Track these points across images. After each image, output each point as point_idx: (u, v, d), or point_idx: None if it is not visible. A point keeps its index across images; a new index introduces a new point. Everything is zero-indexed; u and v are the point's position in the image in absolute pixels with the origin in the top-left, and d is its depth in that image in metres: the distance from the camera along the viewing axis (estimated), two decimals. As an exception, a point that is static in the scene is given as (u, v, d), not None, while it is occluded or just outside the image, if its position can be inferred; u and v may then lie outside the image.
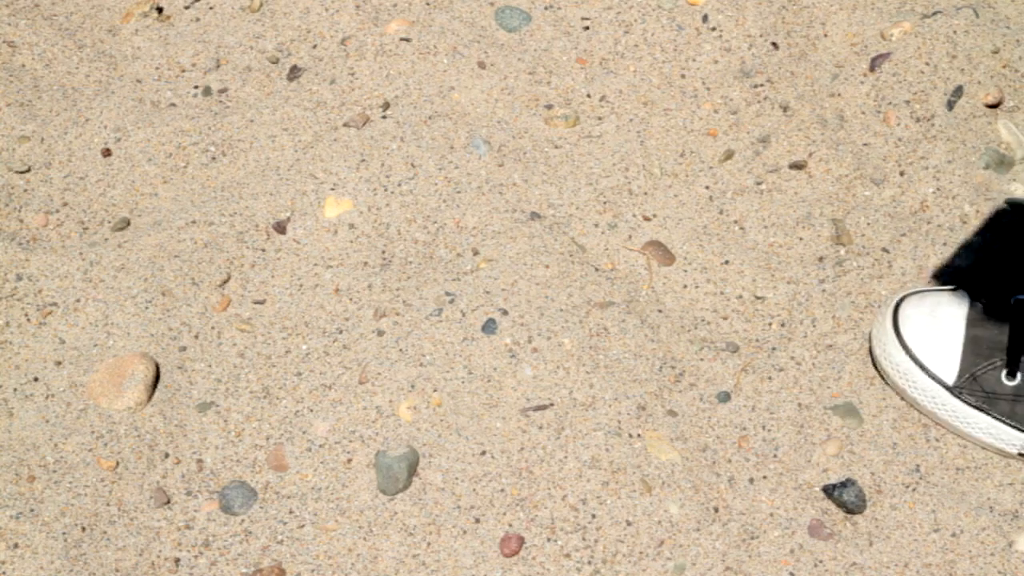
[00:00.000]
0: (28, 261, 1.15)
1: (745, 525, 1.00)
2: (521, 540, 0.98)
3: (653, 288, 1.15)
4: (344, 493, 1.01)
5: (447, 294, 1.13)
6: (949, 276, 1.15)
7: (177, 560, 0.97)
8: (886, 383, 1.06)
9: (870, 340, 1.08)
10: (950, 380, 1.02)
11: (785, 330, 1.12)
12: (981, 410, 1.01)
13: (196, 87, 1.32)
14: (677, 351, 1.10)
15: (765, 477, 1.02)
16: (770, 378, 1.09)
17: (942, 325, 1.04)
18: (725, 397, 1.07)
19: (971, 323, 1.04)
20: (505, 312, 1.11)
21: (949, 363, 1.03)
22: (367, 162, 1.22)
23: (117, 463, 1.03)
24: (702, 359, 1.10)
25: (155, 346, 1.10)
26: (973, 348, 1.03)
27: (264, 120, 1.27)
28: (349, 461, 1.03)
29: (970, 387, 1.02)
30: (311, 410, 1.06)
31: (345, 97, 1.29)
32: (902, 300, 1.06)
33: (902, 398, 1.05)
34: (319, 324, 1.11)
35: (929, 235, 1.17)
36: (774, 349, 1.10)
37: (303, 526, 0.99)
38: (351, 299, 1.13)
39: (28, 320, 1.12)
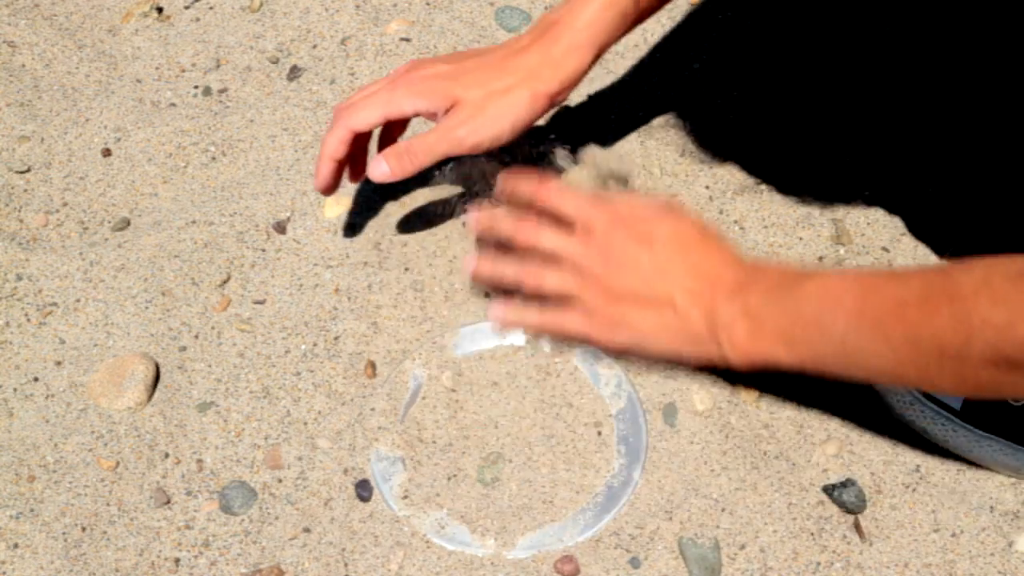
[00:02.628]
0: (28, 261, 1.15)
1: (739, 520, 1.00)
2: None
3: (653, 288, 1.15)
4: (344, 494, 1.01)
5: (447, 294, 1.13)
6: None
7: (177, 560, 0.97)
8: (891, 416, 1.05)
9: None
10: (957, 406, 1.01)
11: (785, 330, 1.12)
12: (992, 432, 1.01)
13: (196, 87, 1.32)
14: (677, 351, 1.10)
15: (765, 476, 1.02)
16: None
17: None
18: (725, 397, 1.07)
19: None
20: (505, 312, 1.11)
21: None
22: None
23: (117, 463, 1.03)
24: (702, 359, 1.10)
25: (155, 346, 1.10)
26: None
27: (264, 120, 1.27)
28: (349, 461, 1.03)
29: (977, 411, 1.01)
30: (310, 410, 1.06)
31: (345, 97, 1.29)
32: None
33: (911, 428, 1.04)
34: (319, 324, 1.11)
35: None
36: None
37: (303, 526, 0.99)
38: (351, 299, 1.13)
39: (28, 320, 1.12)
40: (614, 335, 0.96)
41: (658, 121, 1.27)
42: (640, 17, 1.05)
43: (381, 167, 1.02)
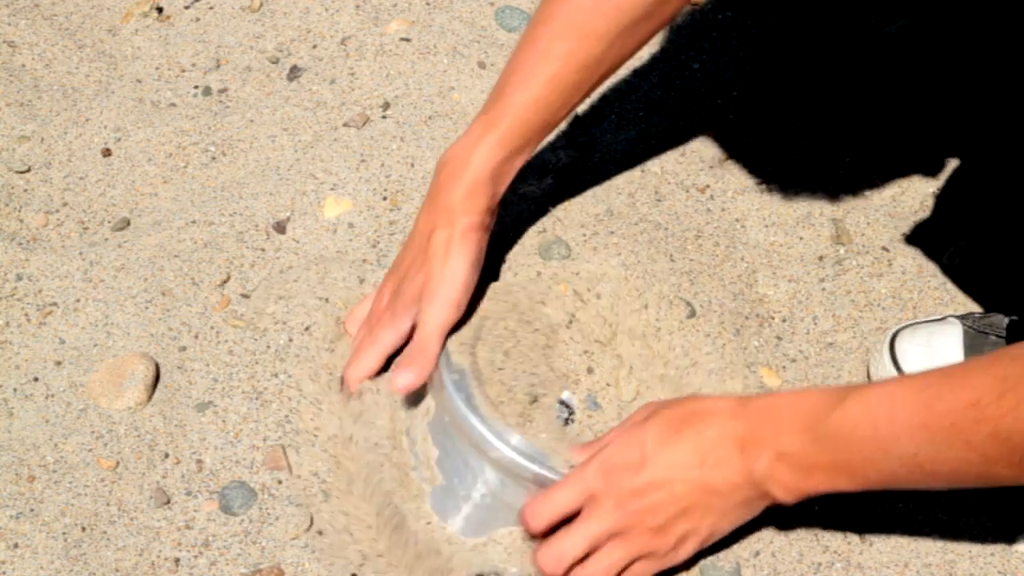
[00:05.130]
0: (28, 261, 1.15)
1: (746, 525, 1.00)
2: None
3: (653, 288, 1.15)
4: (343, 495, 1.01)
5: (447, 294, 1.13)
6: (949, 277, 1.15)
7: (177, 560, 0.97)
8: None
9: (869, 378, 1.08)
10: None
11: (786, 326, 1.12)
12: None
13: (196, 87, 1.32)
14: (677, 351, 1.10)
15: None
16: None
17: (940, 355, 1.04)
18: (725, 397, 1.07)
19: (968, 349, 1.04)
20: (505, 312, 1.11)
21: None
22: (367, 162, 1.22)
23: (117, 463, 1.02)
24: (702, 359, 1.10)
25: (155, 346, 1.10)
26: None
27: (264, 120, 1.27)
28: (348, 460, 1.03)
29: None
30: (307, 408, 1.06)
31: (345, 97, 1.29)
32: (895, 335, 1.06)
33: None
34: (315, 322, 1.11)
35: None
36: (775, 346, 1.10)
37: (302, 526, 0.99)
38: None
39: (28, 320, 1.12)
40: (684, 552, 0.93)
41: (658, 121, 1.27)
42: (535, 145, 1.05)
43: (405, 377, 1.01)
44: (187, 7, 1.40)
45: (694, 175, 1.23)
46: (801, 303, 1.13)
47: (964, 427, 0.79)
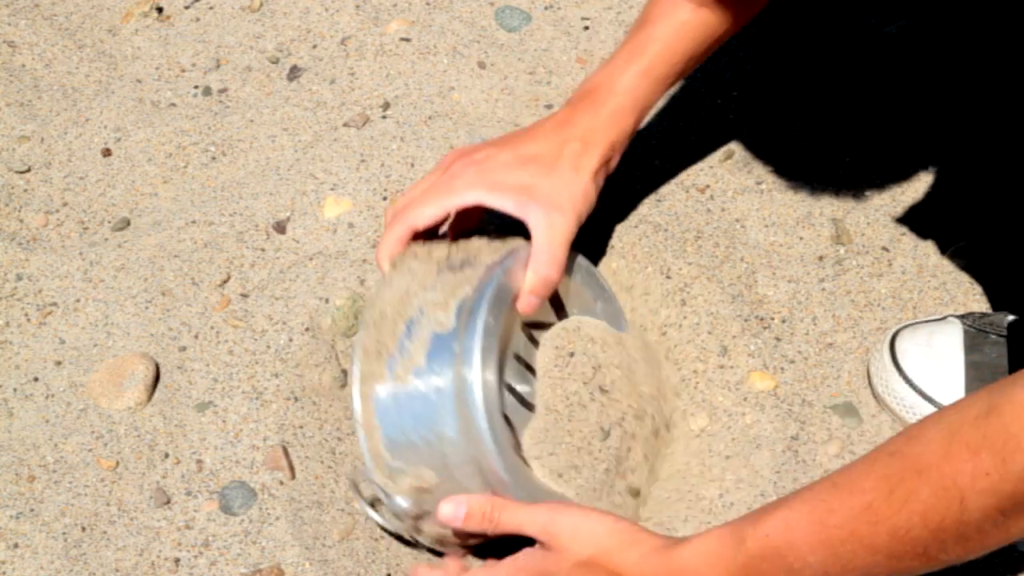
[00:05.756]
0: (28, 261, 1.15)
1: (745, 525, 1.00)
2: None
3: (653, 288, 1.15)
4: (343, 494, 1.01)
5: (447, 294, 1.13)
6: (949, 277, 1.15)
7: (177, 560, 0.97)
8: (895, 419, 1.05)
9: (869, 377, 1.08)
10: None
11: (786, 327, 1.12)
12: None
13: (196, 87, 1.32)
14: (677, 351, 1.10)
15: (768, 477, 1.02)
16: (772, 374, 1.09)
17: (941, 355, 1.04)
18: (725, 397, 1.07)
19: (968, 349, 1.03)
20: (505, 312, 1.11)
21: (953, 392, 1.02)
22: (367, 162, 1.22)
23: (117, 463, 1.03)
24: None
25: (155, 346, 1.10)
26: (975, 374, 1.02)
27: (264, 120, 1.27)
28: (346, 460, 1.03)
29: None
30: (307, 409, 1.06)
31: (345, 97, 1.29)
32: (896, 335, 1.06)
33: None
34: (315, 322, 1.11)
35: (929, 234, 1.17)
36: (775, 347, 1.10)
37: (302, 526, 0.99)
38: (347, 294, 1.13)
39: (28, 320, 1.12)
40: None
41: (658, 121, 1.27)
42: (675, 79, 1.06)
43: (530, 301, 0.95)
44: (187, 7, 1.40)
45: (694, 175, 1.23)
46: (801, 303, 1.13)
47: (863, 534, 0.78)
